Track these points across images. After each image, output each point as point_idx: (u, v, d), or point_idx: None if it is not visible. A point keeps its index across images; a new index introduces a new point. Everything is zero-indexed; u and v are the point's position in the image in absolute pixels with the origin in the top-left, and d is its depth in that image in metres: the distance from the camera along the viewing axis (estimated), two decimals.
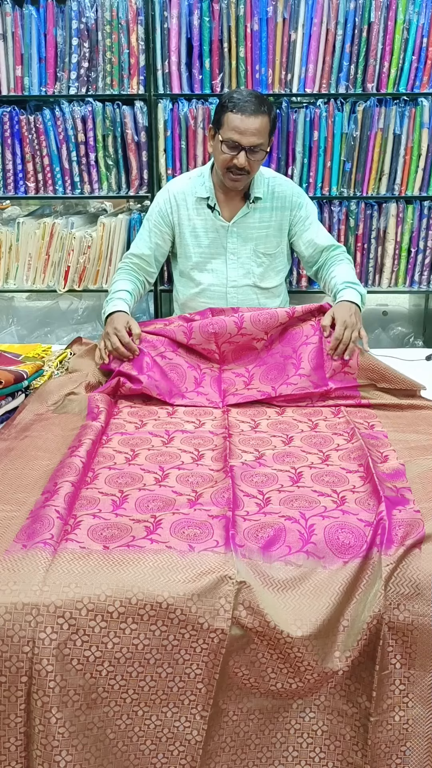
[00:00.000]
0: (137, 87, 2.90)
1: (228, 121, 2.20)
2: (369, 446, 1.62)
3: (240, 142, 2.19)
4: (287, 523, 1.32)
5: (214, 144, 2.28)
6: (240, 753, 1.20)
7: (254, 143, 2.20)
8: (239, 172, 2.25)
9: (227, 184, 2.32)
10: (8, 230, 3.04)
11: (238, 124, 2.18)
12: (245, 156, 2.21)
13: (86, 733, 1.14)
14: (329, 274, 2.39)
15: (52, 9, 2.82)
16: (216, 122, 2.26)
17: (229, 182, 2.30)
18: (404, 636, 1.19)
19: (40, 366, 2.05)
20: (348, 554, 1.25)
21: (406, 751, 1.19)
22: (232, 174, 2.27)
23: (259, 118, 2.19)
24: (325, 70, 2.86)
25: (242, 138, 2.19)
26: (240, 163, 2.22)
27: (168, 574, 1.18)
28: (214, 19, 2.81)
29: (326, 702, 1.20)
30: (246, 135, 2.19)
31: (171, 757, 1.16)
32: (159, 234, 2.47)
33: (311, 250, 2.47)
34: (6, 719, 1.12)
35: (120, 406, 1.92)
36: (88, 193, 3.04)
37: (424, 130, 2.89)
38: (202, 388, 2.01)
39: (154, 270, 2.50)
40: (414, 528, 1.29)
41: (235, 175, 2.27)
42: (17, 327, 3.49)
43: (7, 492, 1.45)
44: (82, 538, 1.26)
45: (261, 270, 2.47)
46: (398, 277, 3.11)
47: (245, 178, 2.30)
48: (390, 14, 2.79)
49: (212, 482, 1.48)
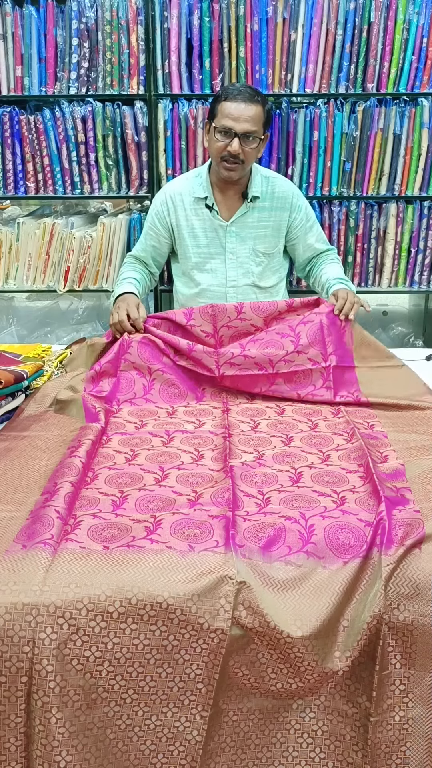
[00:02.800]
0: (137, 87, 2.89)
1: (222, 109, 2.24)
2: (369, 446, 1.62)
3: (234, 129, 2.22)
4: (287, 523, 1.32)
5: (210, 136, 2.30)
6: (240, 753, 1.20)
7: (248, 130, 2.22)
8: (234, 160, 2.26)
9: (222, 175, 2.32)
10: (8, 230, 3.04)
11: (231, 111, 2.22)
12: (239, 143, 2.23)
13: (86, 733, 1.14)
14: (320, 271, 2.48)
15: (52, 9, 2.82)
16: (211, 114, 2.30)
17: (223, 172, 2.31)
18: (404, 636, 1.19)
19: (40, 366, 2.05)
20: (348, 554, 1.25)
21: (406, 751, 1.19)
22: (227, 163, 2.28)
23: (253, 107, 2.23)
24: (325, 70, 2.85)
25: (236, 124, 2.21)
26: (234, 149, 2.23)
27: (168, 574, 1.18)
28: (214, 19, 2.81)
29: (326, 702, 1.20)
30: (239, 121, 2.21)
31: (171, 757, 1.16)
32: (154, 237, 2.48)
33: (309, 254, 2.52)
34: (6, 719, 1.12)
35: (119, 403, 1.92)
36: (88, 193, 3.04)
37: (424, 130, 2.89)
38: (195, 352, 2.02)
39: (155, 270, 2.55)
40: (414, 528, 1.29)
41: (229, 164, 2.28)
42: (17, 327, 3.49)
43: (7, 492, 1.45)
44: (82, 538, 1.26)
45: (260, 269, 2.47)
46: (398, 277, 3.11)
47: (240, 168, 2.30)
48: (390, 14, 2.79)
49: (212, 482, 1.48)
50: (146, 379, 1.98)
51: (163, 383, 1.98)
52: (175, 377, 1.99)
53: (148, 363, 2.00)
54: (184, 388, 1.99)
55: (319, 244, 2.53)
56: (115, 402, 1.91)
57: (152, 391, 1.96)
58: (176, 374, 2.00)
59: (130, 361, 2.00)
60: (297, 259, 2.57)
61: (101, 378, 1.97)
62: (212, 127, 2.27)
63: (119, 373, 1.98)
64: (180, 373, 2.01)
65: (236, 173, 2.31)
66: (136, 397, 1.94)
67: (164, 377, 1.99)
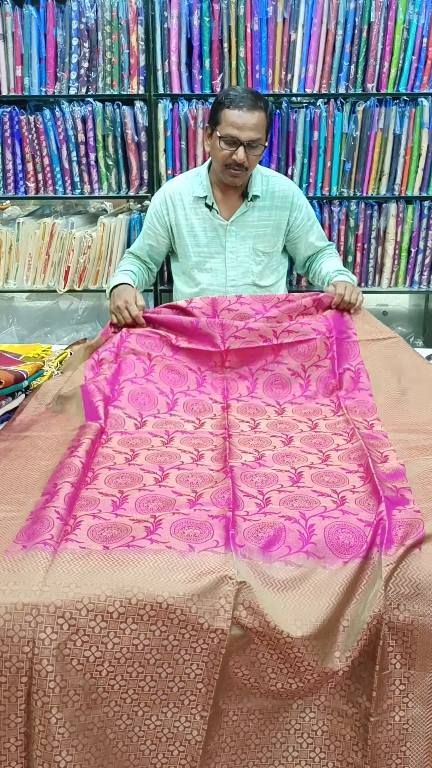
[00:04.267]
0: (137, 87, 2.89)
1: (225, 117, 2.22)
2: (369, 446, 1.62)
3: (239, 138, 2.21)
4: (287, 523, 1.32)
5: (212, 142, 2.29)
6: (240, 753, 1.20)
7: (253, 138, 2.22)
8: (238, 168, 2.26)
9: (226, 181, 2.33)
10: (8, 230, 3.04)
11: (236, 120, 2.20)
12: (244, 151, 2.23)
13: (86, 733, 1.14)
14: (320, 265, 2.51)
15: (52, 9, 2.82)
16: (212, 120, 2.28)
17: (228, 179, 2.31)
18: (404, 636, 1.19)
19: (40, 366, 2.05)
20: (348, 554, 1.25)
21: (406, 751, 1.19)
22: (232, 170, 2.28)
23: (257, 114, 2.21)
24: (325, 70, 2.86)
25: (241, 133, 2.21)
26: (239, 158, 2.23)
27: (168, 574, 1.18)
28: (214, 19, 2.80)
29: (326, 702, 1.20)
30: (244, 130, 2.21)
31: (171, 758, 1.16)
32: (153, 236, 2.49)
33: (310, 252, 2.53)
34: (6, 719, 1.12)
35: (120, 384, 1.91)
36: (88, 193, 3.04)
37: (424, 130, 2.89)
38: (200, 326, 2.04)
39: (153, 267, 2.56)
40: (414, 528, 1.29)
41: (234, 171, 2.28)
42: (17, 327, 3.49)
43: (7, 492, 1.44)
44: (82, 539, 1.26)
45: (260, 268, 2.47)
46: (398, 277, 3.11)
47: (244, 174, 2.31)
48: (390, 14, 2.79)
49: (212, 482, 1.48)
50: (146, 363, 1.98)
51: (164, 368, 1.98)
52: (176, 364, 2.00)
53: (148, 350, 2.02)
54: (184, 372, 1.99)
55: (319, 241, 2.55)
56: (117, 384, 1.90)
57: (153, 373, 1.96)
58: (177, 360, 2.01)
59: (130, 348, 2.01)
60: (297, 257, 2.57)
61: (101, 365, 1.97)
62: (216, 135, 2.26)
63: (119, 359, 1.98)
64: (180, 361, 2.01)
65: (240, 179, 2.33)
66: (137, 377, 1.93)
67: (164, 362, 1.99)
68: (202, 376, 2.00)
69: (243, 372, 2.01)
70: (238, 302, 2.14)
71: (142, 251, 2.54)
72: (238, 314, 2.10)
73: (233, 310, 2.11)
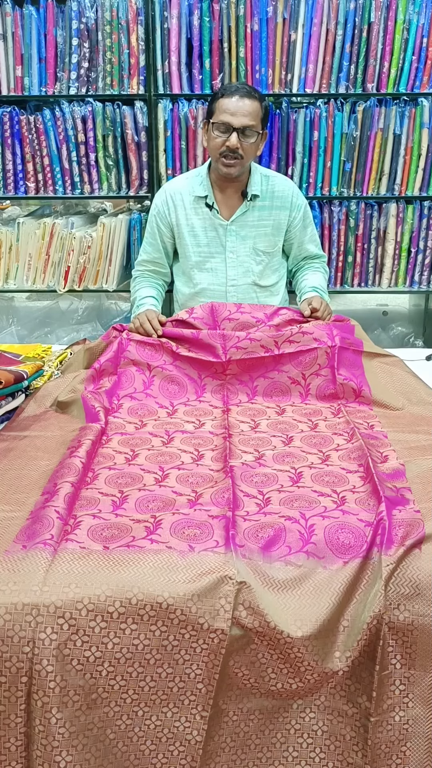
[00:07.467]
0: (137, 87, 2.90)
1: (219, 105, 2.26)
2: (369, 446, 1.62)
3: (231, 123, 2.23)
4: (287, 524, 1.32)
5: (208, 134, 2.31)
6: (240, 753, 1.20)
7: (246, 124, 2.23)
8: (233, 155, 2.27)
9: (221, 171, 2.33)
10: (8, 230, 3.04)
11: (229, 106, 2.24)
12: (237, 137, 2.23)
13: (86, 733, 1.14)
14: (303, 276, 2.53)
15: (52, 9, 2.82)
16: (209, 113, 2.31)
17: (222, 168, 2.31)
18: (404, 636, 1.19)
19: (40, 366, 2.05)
20: (348, 554, 1.25)
21: (406, 751, 1.19)
22: (225, 159, 2.28)
23: (249, 101, 2.25)
24: (325, 70, 2.86)
25: (234, 119, 2.23)
26: (232, 144, 2.24)
27: (168, 575, 1.18)
28: (214, 19, 2.81)
29: (326, 702, 1.20)
30: (237, 116, 2.23)
31: (171, 758, 1.16)
32: (158, 237, 2.49)
33: (302, 254, 2.54)
34: (6, 719, 1.12)
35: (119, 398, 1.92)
36: (88, 193, 3.04)
37: (424, 130, 2.89)
38: (201, 336, 2.05)
39: (167, 270, 2.56)
40: (414, 528, 1.29)
41: (228, 159, 2.28)
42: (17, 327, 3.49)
43: (7, 492, 1.44)
44: (82, 539, 1.26)
45: (260, 268, 2.47)
46: (398, 277, 3.11)
47: (239, 164, 2.30)
48: (390, 14, 2.79)
49: (212, 482, 1.48)
50: (146, 375, 1.99)
51: (163, 379, 1.99)
52: (176, 372, 2.00)
53: (147, 360, 2.02)
54: (184, 383, 1.99)
55: (311, 245, 2.54)
56: (115, 398, 1.91)
57: (152, 386, 1.97)
58: (177, 369, 2.01)
59: (129, 359, 2.02)
60: (290, 257, 2.58)
61: (101, 377, 1.98)
62: (210, 124, 2.27)
63: (119, 370, 1.99)
64: (181, 368, 2.01)
65: (235, 169, 2.31)
66: (137, 392, 1.94)
67: (164, 373, 2.00)
68: (201, 384, 2.01)
69: (243, 379, 2.01)
70: (238, 311, 2.14)
71: (159, 252, 2.50)
72: (239, 323, 2.11)
73: (234, 320, 2.12)
